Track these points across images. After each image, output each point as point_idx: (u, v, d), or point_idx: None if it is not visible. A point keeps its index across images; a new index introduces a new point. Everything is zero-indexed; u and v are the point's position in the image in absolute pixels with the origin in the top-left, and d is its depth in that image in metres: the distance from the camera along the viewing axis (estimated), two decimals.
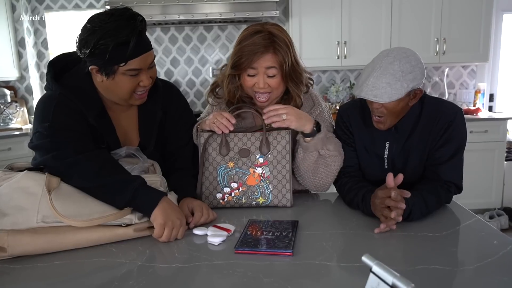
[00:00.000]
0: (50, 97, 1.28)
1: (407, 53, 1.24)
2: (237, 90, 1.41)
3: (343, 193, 1.40)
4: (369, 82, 1.23)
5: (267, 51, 1.32)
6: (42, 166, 1.21)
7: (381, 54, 1.27)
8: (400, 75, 1.21)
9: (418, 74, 1.24)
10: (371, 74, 1.23)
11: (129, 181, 1.15)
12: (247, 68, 1.34)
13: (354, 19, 3.64)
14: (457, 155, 1.33)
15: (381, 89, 1.21)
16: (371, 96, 1.23)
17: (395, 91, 1.21)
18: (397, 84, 1.20)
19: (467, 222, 1.23)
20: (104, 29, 1.16)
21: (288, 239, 1.10)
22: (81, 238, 1.11)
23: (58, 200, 1.09)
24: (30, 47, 3.86)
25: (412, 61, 1.23)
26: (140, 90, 1.28)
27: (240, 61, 1.33)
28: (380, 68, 1.22)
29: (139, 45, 1.21)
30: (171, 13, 3.43)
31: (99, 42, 1.16)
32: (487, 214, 3.52)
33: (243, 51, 1.32)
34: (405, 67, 1.21)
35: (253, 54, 1.31)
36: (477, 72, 4.08)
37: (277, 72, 1.34)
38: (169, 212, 1.14)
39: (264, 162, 1.38)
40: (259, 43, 1.31)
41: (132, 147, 1.34)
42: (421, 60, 1.26)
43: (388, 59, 1.22)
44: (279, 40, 1.33)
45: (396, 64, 1.21)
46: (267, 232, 1.15)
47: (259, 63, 1.33)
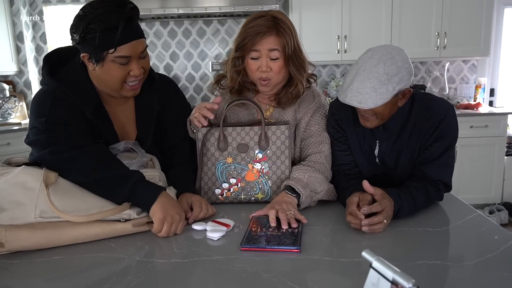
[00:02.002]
0: (46, 92, 1.27)
1: (392, 53, 1.18)
2: (239, 74, 1.41)
3: (337, 192, 1.38)
4: (353, 87, 1.18)
5: (270, 32, 1.33)
6: (40, 161, 1.20)
7: (365, 55, 1.21)
8: (385, 78, 1.15)
9: (405, 75, 1.19)
10: (355, 78, 1.18)
11: (128, 176, 1.15)
12: (250, 51, 1.35)
13: (354, 13, 3.62)
14: (446, 153, 1.30)
15: (366, 94, 1.17)
16: (355, 102, 1.19)
17: (380, 95, 1.16)
18: (382, 88, 1.16)
19: (467, 217, 1.22)
20: (93, 14, 1.16)
21: (295, 236, 1.09)
22: (80, 234, 1.10)
23: (56, 195, 1.08)
24: (29, 41, 3.84)
25: (398, 61, 1.17)
26: (131, 81, 1.27)
27: (244, 42, 1.34)
28: (364, 72, 1.17)
29: (129, 32, 1.19)
30: (170, 7, 3.41)
31: (88, 27, 1.16)
32: (487, 209, 3.52)
33: (246, 32, 1.34)
34: (390, 69, 1.16)
35: (256, 34, 1.32)
36: (477, 66, 4.06)
37: (279, 55, 1.35)
38: (168, 207, 1.14)
39: (263, 158, 1.37)
40: (262, 24, 1.33)
41: (130, 142, 1.33)
42: (408, 59, 1.21)
43: (372, 61, 1.17)
44: (283, 23, 1.34)
45: (380, 67, 1.16)
46: (272, 228, 1.14)
47: (262, 44, 1.33)
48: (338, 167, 1.42)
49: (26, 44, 3.80)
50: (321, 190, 1.34)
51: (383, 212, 1.14)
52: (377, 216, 1.13)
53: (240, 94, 1.45)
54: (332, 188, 1.38)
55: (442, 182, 1.32)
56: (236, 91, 1.45)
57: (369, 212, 1.13)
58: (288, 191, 1.28)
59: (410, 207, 1.22)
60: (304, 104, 1.46)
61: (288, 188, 1.29)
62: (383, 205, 1.15)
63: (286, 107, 1.46)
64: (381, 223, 1.13)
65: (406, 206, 1.20)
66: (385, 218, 1.14)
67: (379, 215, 1.13)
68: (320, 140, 1.43)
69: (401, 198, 1.20)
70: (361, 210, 1.13)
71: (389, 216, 1.16)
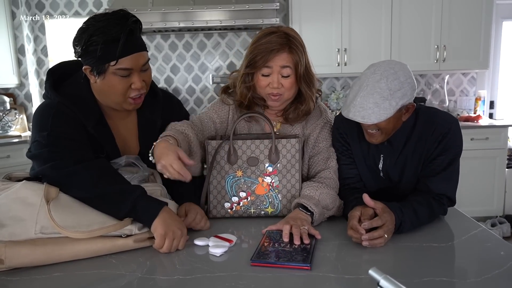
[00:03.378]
0: (48, 106, 1.27)
1: (395, 69, 1.19)
2: (249, 90, 1.40)
3: (343, 206, 1.37)
4: (356, 102, 1.19)
5: (283, 49, 1.32)
6: (41, 176, 1.19)
7: (368, 71, 1.22)
8: (388, 94, 1.16)
9: (408, 90, 1.19)
10: (358, 94, 1.19)
11: (129, 191, 1.13)
12: (262, 67, 1.34)
13: (354, 26, 3.64)
14: (450, 167, 1.30)
15: (369, 109, 1.17)
16: (358, 117, 1.19)
17: (384, 111, 1.17)
18: (385, 103, 1.16)
19: (472, 232, 1.21)
20: (96, 26, 1.17)
21: (306, 252, 1.07)
22: (81, 250, 1.08)
23: (57, 210, 1.07)
24: (30, 54, 3.86)
25: (401, 77, 1.18)
26: (133, 94, 1.27)
27: (256, 59, 1.33)
28: (367, 87, 1.18)
29: (130, 44, 1.20)
30: (171, 20, 3.42)
31: (90, 39, 1.17)
32: (489, 222, 3.50)
33: (259, 49, 1.33)
34: (393, 85, 1.16)
35: (268, 52, 1.32)
36: (477, 79, 4.08)
37: (291, 72, 1.34)
38: (170, 222, 1.12)
39: (273, 171, 1.36)
40: (275, 41, 1.32)
41: (132, 156, 1.32)
42: (410, 74, 1.21)
43: (374, 77, 1.18)
44: (295, 40, 1.34)
45: (383, 82, 1.16)
46: (284, 244, 1.12)
47: (275, 61, 1.32)
48: (343, 181, 1.42)
49: (28, 57, 3.81)
50: (333, 206, 1.33)
51: (383, 227, 1.13)
52: (378, 230, 1.12)
53: (248, 109, 1.44)
54: (342, 204, 1.36)
55: (445, 196, 1.31)
56: (246, 106, 1.44)
57: (369, 226, 1.13)
58: (301, 208, 1.27)
59: (413, 221, 1.21)
60: (311, 120, 1.46)
61: (301, 206, 1.28)
62: (384, 219, 1.14)
63: (294, 124, 1.46)
64: (381, 237, 1.12)
65: (408, 220, 1.19)
66: (386, 232, 1.13)
67: (379, 229, 1.13)
68: (328, 155, 1.43)
69: (403, 212, 1.19)
70: (362, 225, 1.13)
71: (390, 230, 1.15)
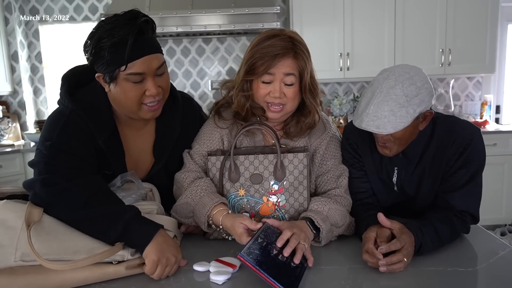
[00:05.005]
0: (61, 113, 1.19)
1: (410, 73, 1.09)
2: (247, 99, 1.26)
3: (355, 224, 1.25)
4: (369, 111, 1.08)
5: (287, 54, 1.19)
6: (29, 188, 1.08)
7: (380, 77, 1.12)
8: (405, 100, 1.06)
9: (426, 95, 1.09)
10: (371, 101, 1.09)
11: (121, 213, 1.03)
12: (263, 73, 1.20)
13: (356, 30, 3.55)
14: (473, 181, 1.19)
15: (384, 118, 1.07)
16: (373, 127, 1.08)
17: (400, 119, 1.06)
18: (402, 111, 1.06)
19: (500, 253, 1.10)
20: (104, 29, 1.09)
21: (294, 276, 0.97)
22: (66, 279, 0.97)
23: (39, 235, 0.96)
24: (24, 61, 3.75)
25: (417, 81, 1.08)
26: (149, 101, 1.17)
27: (256, 65, 1.20)
28: (380, 94, 1.08)
29: (140, 46, 1.10)
30: (168, 25, 3.33)
31: (98, 43, 1.09)
32: (498, 230, 3.39)
33: (260, 53, 1.19)
34: (409, 90, 1.06)
35: (272, 57, 1.17)
36: (482, 83, 3.99)
37: (295, 81, 1.21)
38: (164, 247, 1.02)
39: (279, 190, 1.23)
40: (279, 45, 1.18)
41: (127, 173, 1.20)
42: (427, 79, 1.11)
43: (389, 83, 1.08)
44: (301, 45, 1.21)
45: (398, 88, 1.06)
46: (278, 251, 1.01)
47: (278, 68, 1.19)
48: (355, 196, 1.30)
49: (21, 64, 3.71)
50: (342, 224, 1.21)
51: (402, 250, 1.02)
52: (396, 254, 1.01)
53: (245, 121, 1.29)
54: (353, 222, 1.25)
55: (468, 213, 1.20)
56: (242, 118, 1.29)
57: (387, 250, 1.02)
58: (308, 223, 1.15)
59: (434, 242, 1.10)
60: (315, 135, 1.32)
61: (308, 220, 1.16)
62: (403, 241, 1.04)
63: (296, 139, 1.31)
64: (400, 262, 1.01)
65: (429, 241, 1.08)
66: (405, 256, 1.02)
67: (398, 253, 1.02)
68: (338, 174, 1.30)
69: (423, 232, 1.08)
70: (379, 249, 1.02)
71: (410, 253, 1.04)
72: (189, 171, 1.28)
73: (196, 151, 1.31)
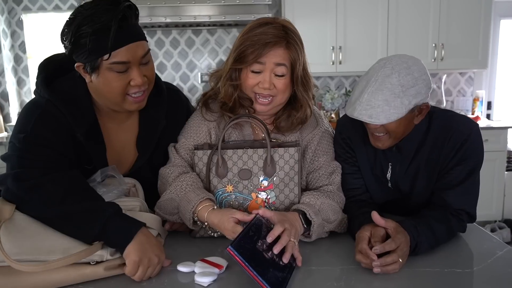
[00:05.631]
0: (36, 104, 1.12)
1: (408, 63, 1.05)
2: (236, 88, 1.20)
3: (348, 222, 1.20)
4: (362, 100, 1.04)
5: (279, 43, 1.13)
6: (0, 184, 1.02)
7: (377, 65, 1.08)
8: (400, 90, 1.02)
9: (423, 87, 1.05)
10: (365, 90, 1.04)
11: (100, 210, 0.96)
12: (252, 62, 1.14)
13: (349, 23, 3.50)
14: (470, 179, 1.15)
15: (377, 107, 1.02)
16: (365, 116, 1.04)
17: (394, 109, 1.02)
18: (396, 101, 1.02)
19: (498, 253, 1.06)
20: (83, 15, 1.01)
21: (282, 278, 0.92)
22: (40, 281, 0.91)
23: (10, 233, 0.89)
24: (7, 50, 3.63)
25: (415, 72, 1.04)
26: (134, 92, 1.10)
27: (246, 53, 1.13)
28: (375, 82, 1.03)
29: (125, 33, 1.04)
30: (157, 15, 3.25)
31: (78, 30, 1.01)
32: (488, 227, 3.39)
33: (251, 40, 1.13)
34: (405, 80, 1.02)
35: (262, 45, 1.11)
36: (474, 79, 3.97)
37: (286, 72, 1.15)
38: (147, 247, 0.96)
39: (269, 186, 1.17)
40: (271, 33, 1.12)
41: (107, 168, 1.14)
42: (425, 70, 1.07)
43: (385, 71, 1.03)
44: (294, 35, 1.15)
45: (394, 77, 1.02)
46: (268, 248, 0.95)
47: (268, 57, 1.13)
48: (347, 192, 1.25)
49: (4, 54, 3.59)
50: (334, 219, 1.16)
51: (397, 250, 0.98)
52: (391, 255, 0.97)
53: (232, 113, 1.23)
54: (346, 219, 1.20)
55: (465, 212, 1.15)
56: (229, 109, 1.23)
57: (382, 251, 0.97)
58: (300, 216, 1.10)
59: (430, 241, 1.06)
60: (307, 130, 1.27)
61: (300, 213, 1.11)
62: (398, 241, 0.99)
63: (287, 133, 1.25)
64: (396, 263, 0.97)
65: (424, 240, 1.04)
66: (400, 256, 0.98)
67: (393, 253, 0.97)
68: (331, 170, 1.24)
69: (419, 231, 1.04)
70: (373, 249, 0.97)
71: (405, 253, 1.00)
72: (174, 165, 1.22)
73: (182, 145, 1.25)
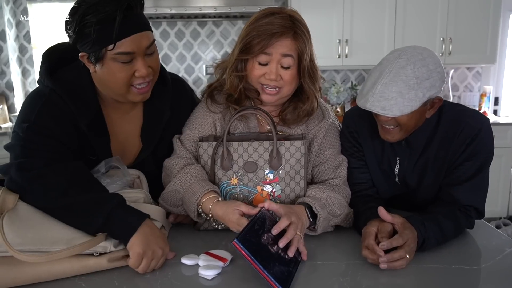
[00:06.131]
0: (39, 94, 1.11)
1: (423, 55, 1.03)
2: (241, 80, 1.18)
3: (354, 217, 1.19)
4: (375, 91, 1.02)
5: (286, 34, 1.11)
6: (4, 173, 1.01)
7: (391, 56, 1.06)
8: (415, 82, 1.00)
9: (437, 80, 1.03)
10: (379, 81, 1.02)
11: (104, 201, 0.95)
12: (259, 53, 1.12)
13: (356, 16, 3.46)
14: (479, 174, 1.13)
15: (391, 99, 1.00)
16: (378, 108, 1.02)
17: (408, 102, 1.00)
18: (411, 93, 1.00)
19: (507, 250, 1.04)
20: (88, 4, 1.00)
21: (288, 272, 0.91)
22: (42, 272, 0.90)
23: (13, 223, 0.89)
24: (12, 41, 3.62)
25: (430, 64, 1.02)
26: (138, 83, 1.09)
27: (252, 43, 1.12)
28: (390, 73, 1.01)
29: (130, 23, 1.02)
30: (162, 6, 3.23)
31: (82, 20, 1.00)
32: (493, 223, 3.36)
33: (257, 31, 1.10)
34: (420, 72, 1.00)
35: (269, 35, 1.09)
36: (482, 74, 3.93)
37: (293, 63, 1.13)
38: (151, 239, 0.95)
39: (275, 179, 1.16)
40: (278, 23, 1.10)
41: (111, 158, 1.13)
42: (440, 63, 1.05)
43: (400, 62, 1.01)
44: (301, 25, 1.13)
45: (409, 69, 1.00)
46: (273, 241, 0.94)
47: (275, 47, 1.11)
48: (353, 187, 1.24)
49: (9, 44, 3.58)
50: (340, 213, 1.15)
51: (405, 246, 0.97)
52: (398, 251, 0.96)
53: (238, 104, 1.22)
54: (351, 213, 1.18)
55: (473, 208, 1.14)
56: (235, 101, 1.22)
57: (389, 247, 0.96)
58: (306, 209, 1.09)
59: (438, 237, 1.04)
60: (313, 122, 1.25)
61: (306, 206, 1.09)
62: (405, 237, 0.98)
63: (293, 126, 1.24)
64: (403, 259, 0.95)
65: (432, 236, 1.03)
66: (407, 252, 0.96)
67: (400, 249, 0.96)
68: (337, 164, 1.23)
69: (426, 227, 1.02)
70: (380, 245, 0.96)
71: (412, 249, 0.99)
72: (179, 157, 1.20)
73: (187, 136, 1.24)
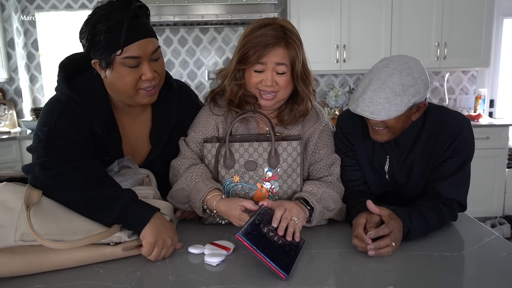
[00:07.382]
0: (58, 100, 1.21)
1: (409, 64, 1.13)
2: (240, 88, 1.28)
3: (346, 211, 1.29)
4: (365, 97, 1.12)
5: (278, 44, 1.21)
6: (28, 172, 1.10)
7: (379, 64, 1.15)
8: (401, 89, 1.10)
9: (421, 87, 1.12)
10: (368, 88, 1.12)
11: (118, 196, 1.05)
12: (255, 63, 1.22)
13: (353, 22, 3.56)
14: (461, 170, 1.23)
15: (379, 105, 1.10)
16: (367, 112, 1.12)
17: (394, 107, 1.10)
18: (397, 99, 1.10)
19: (485, 239, 1.13)
20: (98, 14, 1.11)
21: (289, 258, 1.00)
22: (64, 259, 1.00)
23: (38, 216, 0.98)
24: (20, 48, 3.73)
25: (415, 72, 1.12)
26: (145, 86, 1.19)
27: (248, 54, 1.22)
28: (378, 81, 1.11)
29: (135, 30, 1.13)
30: (165, 14, 3.32)
31: (93, 29, 1.11)
32: (489, 222, 3.44)
33: (252, 42, 1.21)
34: (406, 80, 1.10)
35: (263, 46, 1.19)
36: (477, 77, 4.01)
37: (287, 70, 1.23)
38: (161, 230, 1.04)
39: (273, 176, 1.26)
40: (270, 34, 1.20)
41: (124, 158, 1.23)
42: (425, 71, 1.15)
43: (387, 71, 1.11)
44: (292, 34, 1.23)
45: (396, 77, 1.10)
46: (274, 233, 1.04)
47: (269, 57, 1.21)
48: (346, 184, 1.34)
49: (17, 51, 3.69)
50: (334, 207, 1.25)
51: (390, 235, 1.07)
52: (384, 239, 1.06)
53: (239, 108, 1.31)
54: (344, 208, 1.28)
55: (456, 201, 1.23)
56: (236, 105, 1.31)
57: (376, 235, 1.06)
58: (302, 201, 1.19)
59: (422, 228, 1.14)
60: (308, 123, 1.35)
61: (302, 200, 1.19)
62: (391, 226, 1.08)
63: (290, 126, 1.34)
64: (388, 246, 1.05)
65: (417, 226, 1.12)
66: (393, 240, 1.06)
67: (386, 238, 1.06)
68: (331, 162, 1.33)
69: (411, 218, 1.12)
70: (368, 234, 1.06)
71: (398, 238, 1.08)
72: (185, 158, 1.30)
73: (191, 138, 1.34)
